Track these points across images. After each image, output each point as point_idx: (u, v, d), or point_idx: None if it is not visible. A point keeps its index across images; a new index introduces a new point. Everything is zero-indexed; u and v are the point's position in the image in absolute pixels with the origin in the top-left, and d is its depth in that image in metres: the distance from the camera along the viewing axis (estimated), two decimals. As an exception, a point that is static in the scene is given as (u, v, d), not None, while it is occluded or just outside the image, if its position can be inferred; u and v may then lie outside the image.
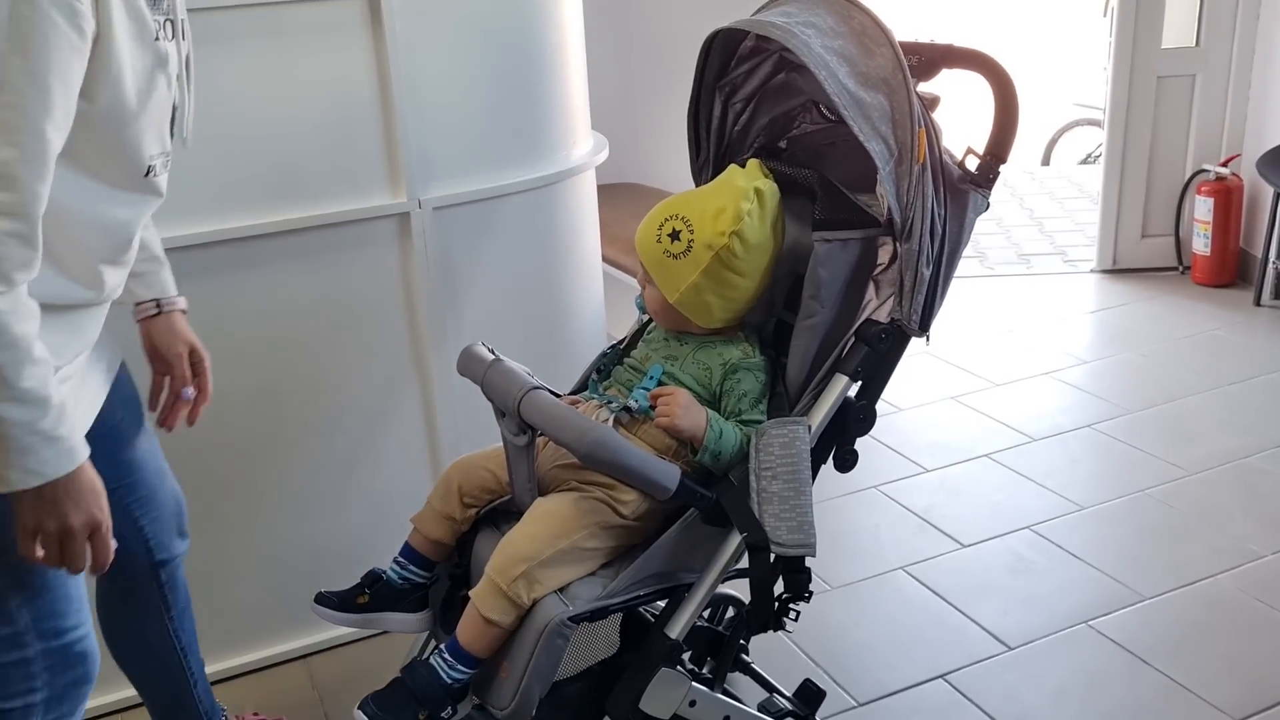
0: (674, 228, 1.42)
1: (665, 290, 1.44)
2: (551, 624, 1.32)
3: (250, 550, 2.15)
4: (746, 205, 1.40)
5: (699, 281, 1.42)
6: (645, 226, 1.46)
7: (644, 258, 1.46)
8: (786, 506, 1.34)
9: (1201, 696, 1.97)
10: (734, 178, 1.44)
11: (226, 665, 2.18)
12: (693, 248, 1.41)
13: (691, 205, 1.44)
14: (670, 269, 1.42)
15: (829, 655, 2.13)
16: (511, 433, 1.39)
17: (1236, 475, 2.72)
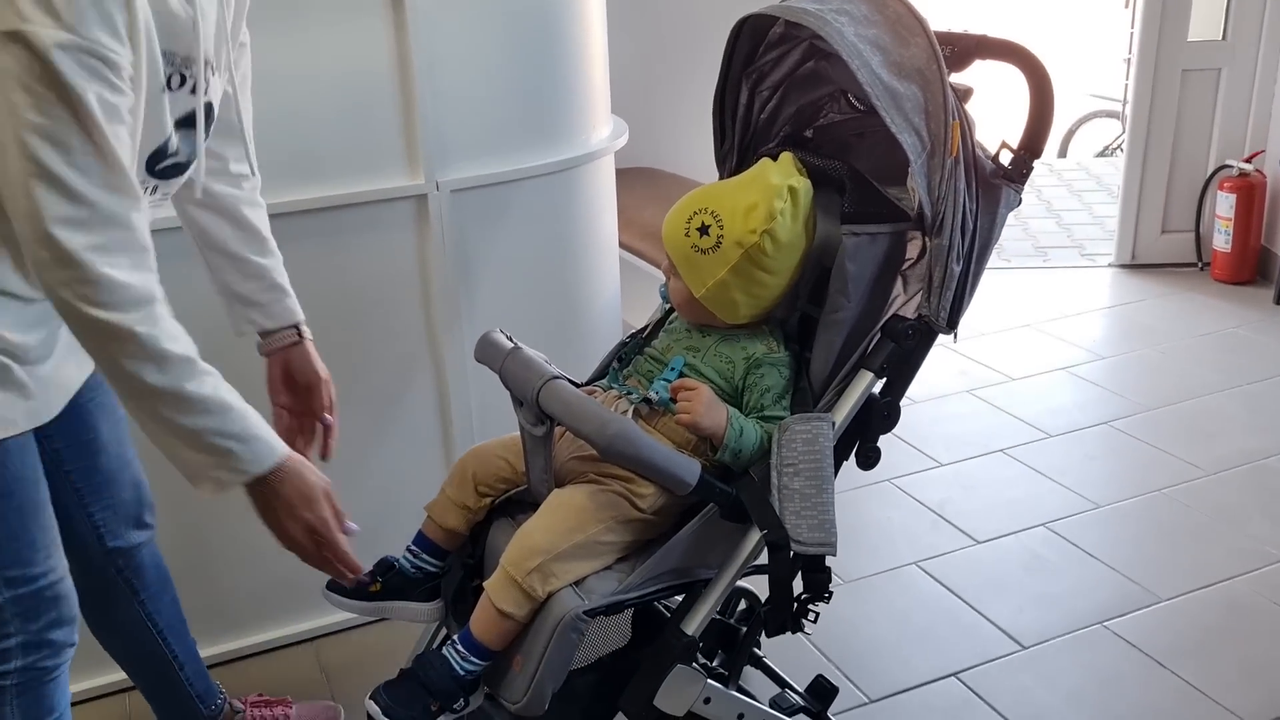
0: (703, 221, 1.39)
1: (692, 285, 1.41)
2: (566, 618, 1.30)
3: (259, 532, 2.13)
4: (780, 204, 1.37)
5: (726, 279, 1.38)
6: (673, 218, 1.43)
7: (671, 250, 1.42)
8: (808, 504, 1.32)
9: (1218, 701, 1.95)
10: (767, 173, 1.41)
11: (234, 646, 2.17)
12: (722, 244, 1.38)
13: (722, 199, 1.41)
14: (697, 264, 1.39)
15: (840, 650, 2.12)
16: (529, 423, 1.37)
17: (1255, 476, 2.69)
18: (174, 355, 1.16)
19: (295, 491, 1.25)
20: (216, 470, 1.21)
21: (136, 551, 1.64)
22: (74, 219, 1.07)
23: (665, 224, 1.43)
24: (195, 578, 2.10)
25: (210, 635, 2.15)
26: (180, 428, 1.18)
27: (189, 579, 2.09)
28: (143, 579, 1.66)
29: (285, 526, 1.26)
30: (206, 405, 1.18)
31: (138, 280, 1.13)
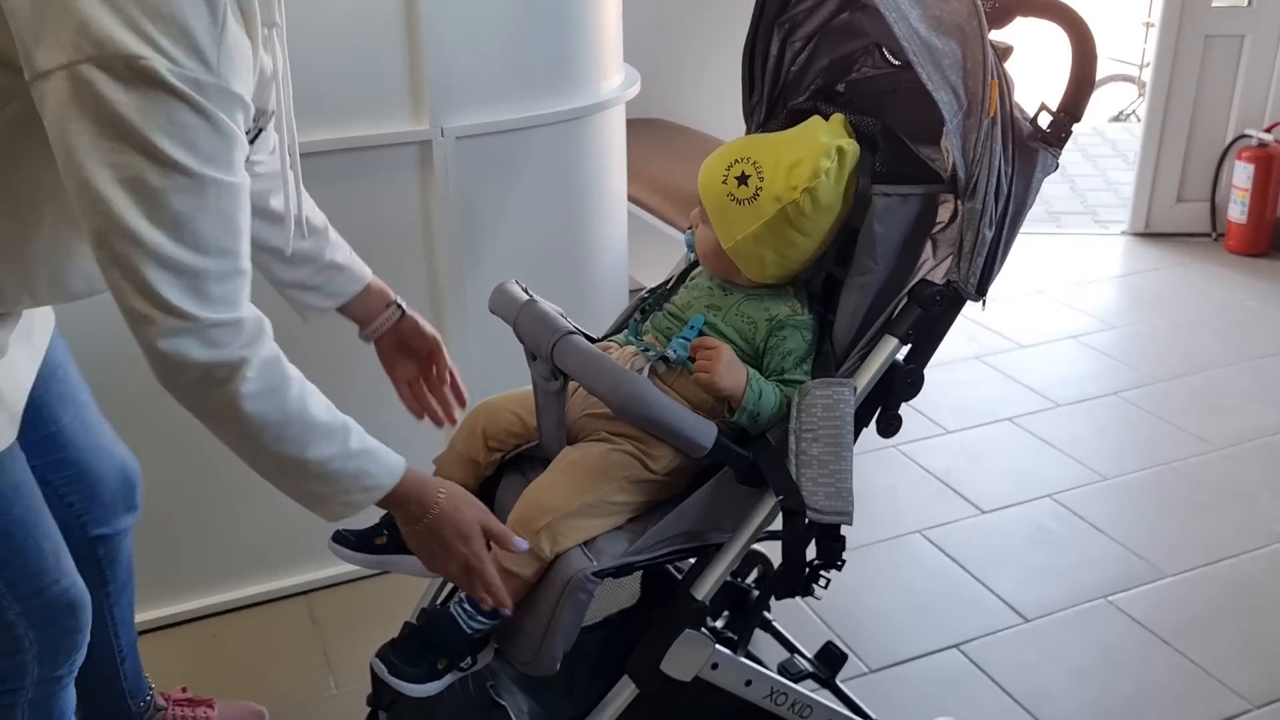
0: (743, 171, 1.33)
1: (721, 235, 1.36)
2: (575, 579, 1.26)
3: (255, 484, 2.08)
4: (826, 164, 1.31)
5: (759, 232, 1.33)
6: (712, 164, 1.37)
7: (705, 197, 1.37)
8: (825, 471, 1.28)
9: (1221, 680, 1.93)
10: (816, 131, 1.35)
11: (228, 598, 2.15)
12: (760, 196, 1.32)
13: (765, 151, 1.35)
14: (731, 214, 1.34)
15: (841, 618, 2.10)
16: (543, 378, 1.32)
17: (1265, 453, 2.66)
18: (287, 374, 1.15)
19: (453, 529, 1.23)
20: (346, 495, 1.19)
21: (119, 539, 1.60)
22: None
23: (703, 169, 1.37)
24: (188, 530, 2.08)
25: (202, 587, 2.13)
26: (301, 460, 1.15)
27: (181, 532, 2.07)
28: (114, 570, 1.61)
29: (441, 563, 1.25)
30: (327, 429, 1.15)
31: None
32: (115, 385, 1.94)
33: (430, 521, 1.22)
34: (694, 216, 1.43)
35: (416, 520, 1.23)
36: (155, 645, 2.05)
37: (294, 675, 1.98)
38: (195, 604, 2.12)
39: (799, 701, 1.49)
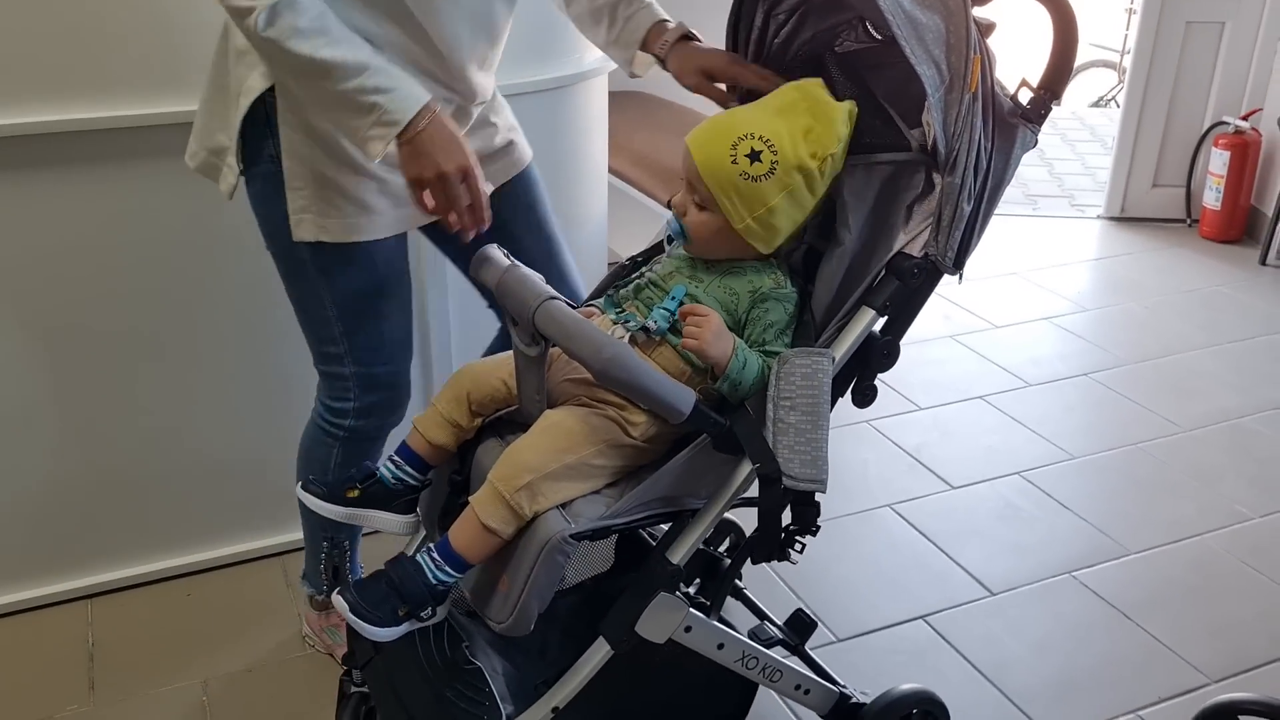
0: (752, 148, 1.33)
1: (733, 215, 1.35)
2: (553, 540, 1.28)
3: (231, 444, 2.11)
4: (844, 130, 1.35)
5: (778, 205, 1.34)
6: (712, 146, 1.35)
7: (713, 180, 1.35)
8: (802, 439, 1.30)
9: (1181, 655, 1.97)
10: (818, 92, 1.37)
11: (201, 558, 2.16)
12: (776, 170, 1.33)
13: (766, 124, 1.35)
14: (746, 192, 1.34)
15: (811, 589, 2.13)
16: (524, 342, 1.33)
17: (1230, 435, 2.71)
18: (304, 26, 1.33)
19: (442, 135, 1.40)
20: (372, 129, 1.37)
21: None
22: None
23: (700, 154, 1.36)
24: (162, 490, 2.09)
25: (174, 547, 2.13)
26: (335, 94, 1.36)
27: (155, 491, 2.08)
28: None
29: (440, 166, 1.40)
30: (344, 67, 1.34)
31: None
32: (97, 347, 1.94)
33: (424, 130, 1.38)
34: (679, 203, 1.41)
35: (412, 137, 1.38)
36: (130, 602, 2.07)
37: (267, 632, 2.00)
38: (170, 563, 2.13)
39: (769, 665, 1.52)
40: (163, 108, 1.82)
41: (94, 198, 1.85)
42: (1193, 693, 1.88)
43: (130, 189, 1.86)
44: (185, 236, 1.93)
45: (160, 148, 1.85)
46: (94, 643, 1.97)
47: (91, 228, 1.86)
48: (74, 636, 1.98)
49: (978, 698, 1.87)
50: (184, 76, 1.78)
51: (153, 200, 1.89)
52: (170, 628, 2.01)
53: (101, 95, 1.80)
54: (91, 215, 1.86)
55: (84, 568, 2.08)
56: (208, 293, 1.98)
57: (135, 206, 1.88)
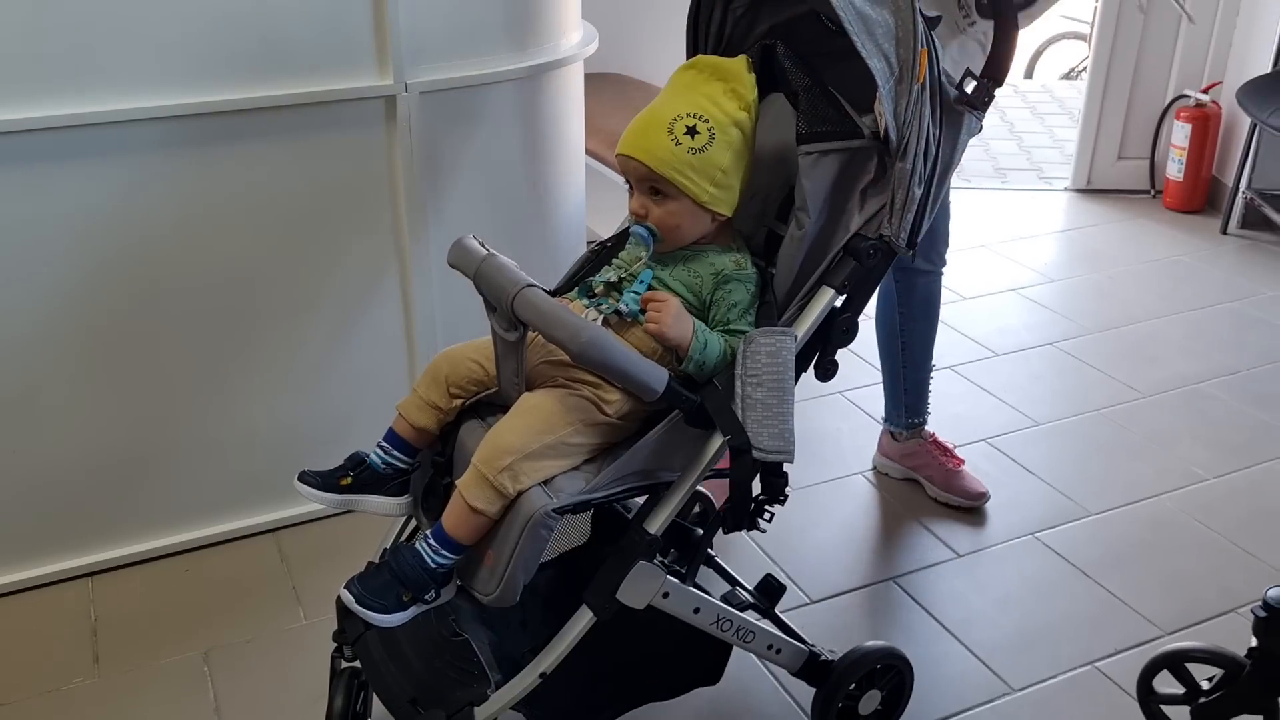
0: (686, 125, 1.42)
1: (695, 191, 1.43)
2: (536, 515, 1.36)
3: (226, 424, 2.17)
4: (751, 75, 1.46)
5: (729, 163, 1.44)
6: (652, 141, 1.43)
7: (668, 168, 1.43)
8: (769, 414, 1.38)
9: (1137, 610, 2.08)
10: (709, 59, 1.49)
11: (198, 535, 2.22)
12: (716, 134, 1.42)
13: (684, 103, 1.44)
14: (698, 166, 1.43)
15: (786, 553, 2.22)
16: (503, 328, 1.40)
17: (1189, 400, 2.82)
18: None
19: None
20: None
21: (911, 277, 2.28)
22: None
23: (643, 153, 1.44)
24: (160, 469, 2.15)
25: (171, 525, 2.20)
26: None
27: (154, 470, 2.15)
28: (908, 300, 2.31)
29: None
30: None
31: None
32: (96, 330, 2.00)
33: None
34: (637, 208, 1.48)
35: None
36: (130, 579, 2.14)
37: (265, 607, 2.07)
38: (168, 540, 2.20)
39: (742, 627, 1.61)
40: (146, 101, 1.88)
41: (83, 189, 1.90)
42: (1146, 644, 1.99)
43: (118, 180, 1.92)
44: (172, 221, 1.98)
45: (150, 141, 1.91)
46: (96, 618, 2.04)
47: (84, 217, 1.92)
48: (77, 613, 2.05)
49: (944, 652, 1.97)
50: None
51: (137, 190, 1.94)
52: (170, 602, 2.09)
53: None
54: (84, 205, 1.91)
55: (85, 547, 2.15)
56: (197, 274, 2.03)
57: (123, 196, 1.93)
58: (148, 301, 2.02)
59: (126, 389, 2.07)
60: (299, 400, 2.20)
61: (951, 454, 2.43)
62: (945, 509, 2.37)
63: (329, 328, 2.18)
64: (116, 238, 1.95)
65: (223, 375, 2.13)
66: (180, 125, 1.90)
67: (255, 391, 2.17)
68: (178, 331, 2.06)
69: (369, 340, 2.22)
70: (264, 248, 2.05)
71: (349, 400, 2.24)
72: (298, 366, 2.18)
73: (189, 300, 2.05)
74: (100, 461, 2.10)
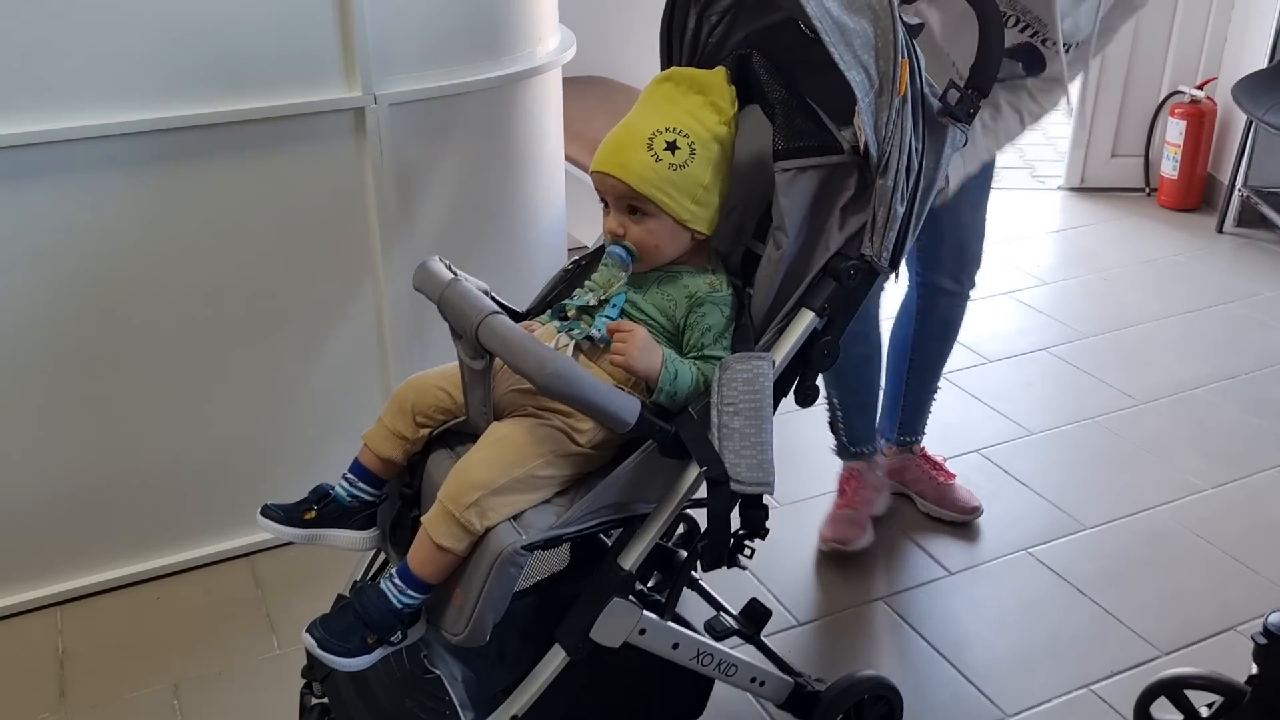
0: (666, 141, 1.36)
1: (677, 209, 1.38)
2: (505, 553, 1.30)
3: (196, 447, 2.11)
4: (730, 88, 1.40)
5: (711, 181, 1.39)
6: (630, 157, 1.37)
7: (648, 185, 1.37)
8: (747, 444, 1.32)
9: (1133, 629, 2.02)
10: (686, 71, 1.44)
11: (170, 561, 2.17)
12: (696, 149, 1.37)
13: (662, 117, 1.39)
14: (678, 183, 1.37)
15: (771, 571, 2.16)
16: (468, 356, 1.35)
17: (1185, 407, 2.76)
18: None
19: None
20: None
21: (935, 295, 2.19)
22: None
23: (622, 170, 1.38)
24: (132, 491, 2.10)
25: (143, 550, 2.15)
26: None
27: (120, 493, 2.09)
28: (927, 318, 2.22)
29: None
30: None
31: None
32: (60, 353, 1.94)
33: None
34: (614, 227, 1.42)
35: None
36: (100, 608, 2.08)
37: (237, 635, 2.01)
38: (139, 567, 2.14)
39: (724, 661, 1.55)
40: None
41: (43, 209, 1.84)
42: (1144, 665, 1.93)
43: (80, 199, 1.86)
44: (135, 241, 1.92)
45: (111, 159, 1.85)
46: (64, 650, 1.99)
47: (44, 238, 1.86)
48: (44, 644, 2.00)
49: (936, 676, 1.92)
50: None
51: (99, 209, 1.88)
52: (140, 632, 2.03)
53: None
54: (45, 226, 1.85)
55: (52, 575, 2.09)
56: (162, 294, 1.97)
57: (85, 216, 1.87)
58: (112, 323, 1.96)
59: (92, 412, 2.01)
60: (272, 421, 2.14)
61: (942, 468, 2.37)
62: (937, 524, 2.31)
63: (300, 347, 2.12)
64: (79, 258, 1.89)
65: (191, 397, 2.07)
66: (142, 142, 1.84)
67: (226, 412, 2.11)
68: (144, 353, 2.00)
69: (342, 359, 2.16)
70: (230, 266, 1.99)
71: (323, 420, 2.18)
72: (269, 387, 2.12)
73: (154, 321, 1.99)
74: (68, 487, 2.04)
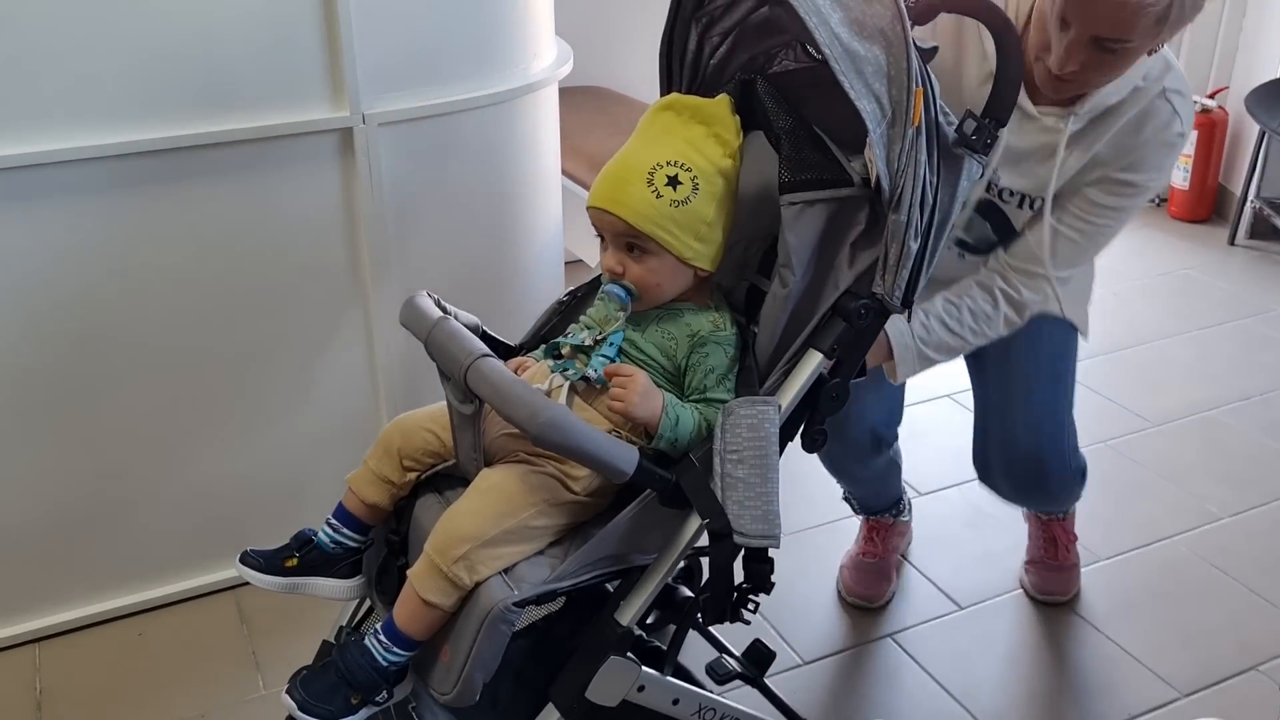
0: (667, 175, 1.29)
1: (680, 246, 1.30)
2: (495, 609, 1.23)
3: (180, 478, 2.05)
4: (735, 117, 1.33)
5: (714, 217, 1.31)
6: (629, 193, 1.29)
7: (649, 223, 1.29)
8: (751, 494, 1.25)
9: (1150, 668, 1.95)
10: (687, 99, 1.36)
11: (153, 595, 2.10)
12: (700, 184, 1.29)
13: (663, 150, 1.31)
14: (683, 219, 1.30)
15: (775, 606, 2.08)
16: (458, 400, 1.27)
17: (1201, 429, 2.68)
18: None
19: None
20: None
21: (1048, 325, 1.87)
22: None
23: (620, 207, 1.30)
24: (113, 523, 2.03)
25: (128, 583, 2.08)
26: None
27: (107, 525, 2.03)
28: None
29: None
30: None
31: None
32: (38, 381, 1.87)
33: None
34: (612, 265, 1.34)
35: None
36: (80, 645, 2.02)
37: (222, 674, 1.94)
38: (120, 601, 2.07)
39: (727, 715, 1.48)
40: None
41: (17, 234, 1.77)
42: (1162, 708, 1.86)
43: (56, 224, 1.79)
44: (113, 266, 1.85)
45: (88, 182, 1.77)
46: (41, 690, 1.92)
47: (19, 263, 1.79)
48: (21, 683, 1.93)
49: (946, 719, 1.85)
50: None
51: (76, 234, 1.81)
52: (122, 671, 1.96)
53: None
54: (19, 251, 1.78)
55: (30, 610, 2.02)
56: (142, 322, 1.90)
57: (61, 241, 1.80)
58: (90, 351, 1.89)
59: (70, 443, 1.94)
60: (257, 451, 2.07)
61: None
62: (946, 556, 2.24)
63: (287, 376, 2.05)
64: (55, 285, 1.82)
65: (174, 426, 2.00)
66: (120, 165, 1.77)
67: (209, 442, 2.03)
68: (123, 382, 1.93)
69: (331, 388, 2.09)
70: (214, 293, 1.92)
71: (312, 449, 2.11)
72: (254, 416, 2.05)
73: (134, 349, 1.91)
74: (46, 519, 1.97)
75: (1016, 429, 1.80)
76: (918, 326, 1.65)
